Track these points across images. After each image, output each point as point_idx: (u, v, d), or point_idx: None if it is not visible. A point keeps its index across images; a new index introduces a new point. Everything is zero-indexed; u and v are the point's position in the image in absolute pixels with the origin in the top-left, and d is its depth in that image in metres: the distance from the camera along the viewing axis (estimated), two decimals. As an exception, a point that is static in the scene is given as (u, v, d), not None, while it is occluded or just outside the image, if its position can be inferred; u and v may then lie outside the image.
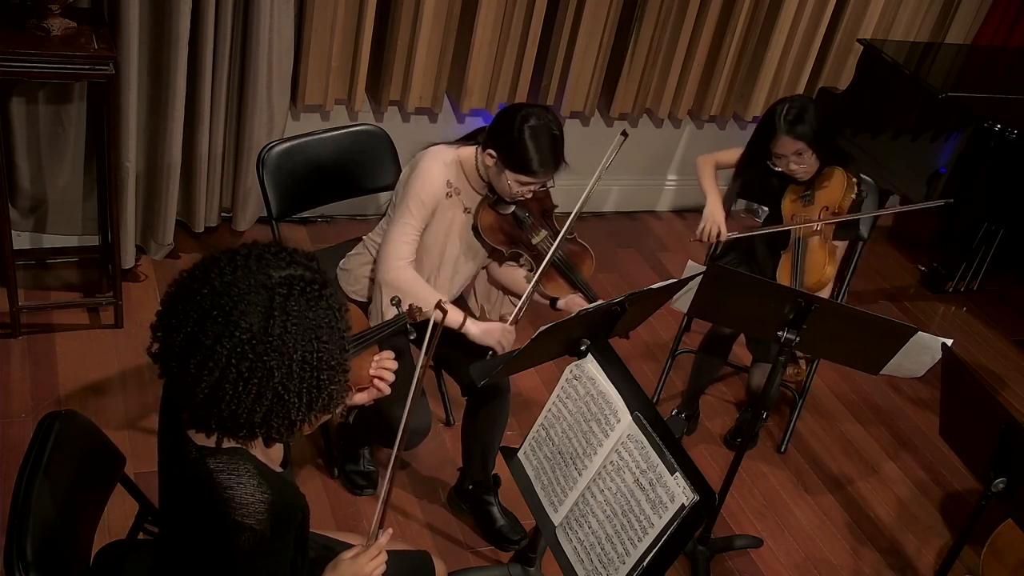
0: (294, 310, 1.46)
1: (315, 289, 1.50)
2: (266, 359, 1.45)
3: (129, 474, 2.03)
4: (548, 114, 2.52)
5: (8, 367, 3.13)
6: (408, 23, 3.70)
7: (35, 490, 1.71)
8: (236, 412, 1.47)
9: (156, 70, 3.29)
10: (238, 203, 3.71)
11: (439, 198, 2.58)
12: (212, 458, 1.55)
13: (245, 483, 1.53)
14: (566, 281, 2.74)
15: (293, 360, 1.46)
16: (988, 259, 4.62)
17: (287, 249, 1.54)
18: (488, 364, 2.65)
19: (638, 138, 4.58)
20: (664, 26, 4.13)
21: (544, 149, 2.47)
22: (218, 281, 1.46)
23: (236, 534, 1.52)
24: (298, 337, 1.46)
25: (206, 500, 1.54)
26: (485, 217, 2.63)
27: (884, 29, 4.54)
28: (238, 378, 1.44)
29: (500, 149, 2.51)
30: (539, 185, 2.56)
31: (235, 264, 1.48)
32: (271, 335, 1.44)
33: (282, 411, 1.50)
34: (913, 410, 3.88)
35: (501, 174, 2.52)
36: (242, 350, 1.43)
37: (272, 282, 1.46)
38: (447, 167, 2.59)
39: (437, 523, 2.95)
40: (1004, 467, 2.25)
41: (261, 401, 1.47)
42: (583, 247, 2.79)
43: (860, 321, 2.55)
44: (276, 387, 1.46)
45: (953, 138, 3.94)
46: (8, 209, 3.12)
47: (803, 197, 3.11)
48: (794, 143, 2.97)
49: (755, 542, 3.11)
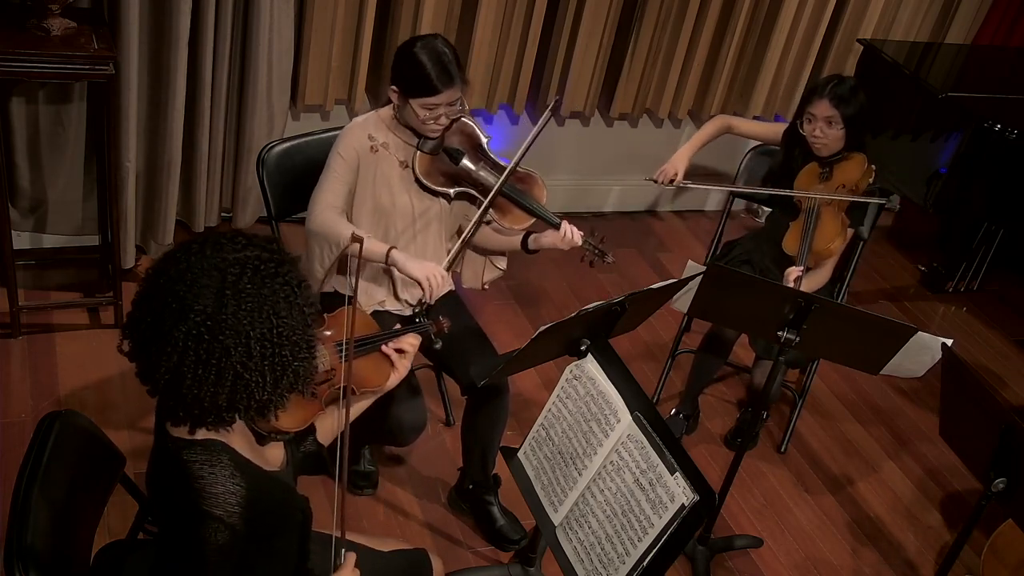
0: (247, 288, 1.47)
1: (270, 267, 1.51)
2: (222, 338, 1.45)
3: (129, 474, 2.03)
4: (436, 38, 2.57)
5: (8, 367, 3.13)
6: (408, 23, 3.70)
7: (35, 490, 1.71)
8: (199, 396, 1.48)
9: (156, 70, 3.29)
10: (238, 203, 3.71)
11: (361, 151, 2.61)
12: (187, 450, 1.55)
13: (217, 474, 1.53)
14: (520, 209, 2.70)
15: (251, 338, 1.47)
16: (988, 259, 4.62)
17: (245, 235, 1.55)
18: (488, 364, 2.65)
19: (638, 138, 4.58)
20: (664, 26, 4.13)
21: (435, 64, 2.50)
22: (173, 270, 1.49)
23: (202, 524, 1.51)
24: (253, 315, 1.47)
25: (178, 490, 1.54)
26: (420, 164, 2.65)
27: (884, 29, 4.54)
28: (196, 361, 1.45)
29: (399, 80, 2.56)
30: (446, 106, 2.55)
31: (190, 251, 1.50)
32: (224, 314, 1.45)
33: (246, 391, 1.50)
34: (913, 410, 3.88)
35: (406, 105, 2.56)
36: (198, 332, 1.45)
37: (224, 264, 1.48)
38: (365, 123, 2.64)
39: (437, 523, 2.95)
40: (1004, 467, 2.25)
41: (222, 383, 1.47)
42: (528, 172, 2.75)
43: (860, 321, 2.55)
44: (235, 366, 1.47)
45: (953, 138, 3.94)
46: (8, 209, 3.12)
47: (822, 174, 3.15)
48: (831, 108, 3.04)
49: (755, 542, 3.11)
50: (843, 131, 3.07)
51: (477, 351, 2.75)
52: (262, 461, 1.69)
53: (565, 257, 4.17)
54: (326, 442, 1.97)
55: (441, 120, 2.58)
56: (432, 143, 2.65)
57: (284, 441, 1.81)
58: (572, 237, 2.65)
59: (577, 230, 2.66)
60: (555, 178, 2.77)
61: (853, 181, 3.10)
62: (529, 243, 2.73)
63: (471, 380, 2.68)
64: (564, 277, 4.13)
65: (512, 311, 3.88)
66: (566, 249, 2.68)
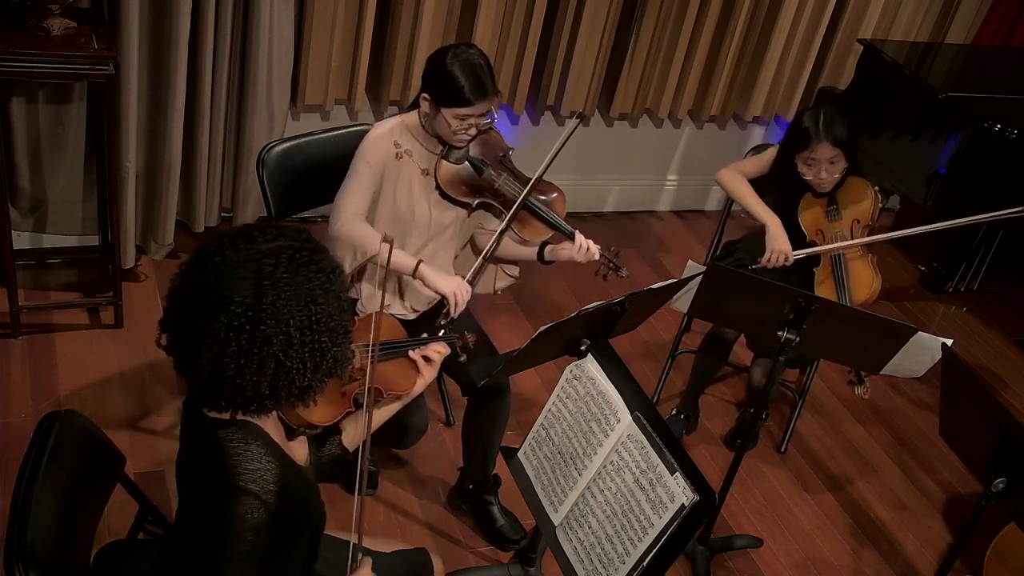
0: (284, 276, 1.49)
1: (304, 255, 1.53)
2: (263, 328, 1.47)
3: (129, 474, 2.03)
4: (471, 48, 2.56)
5: (8, 367, 3.13)
6: (408, 23, 3.70)
7: (35, 490, 1.71)
8: (241, 385, 1.50)
9: (156, 70, 3.29)
10: (238, 203, 3.71)
11: (387, 159, 2.61)
12: (222, 428, 1.57)
13: (253, 451, 1.55)
14: (540, 222, 2.70)
15: (290, 326, 1.49)
16: (988, 259, 4.62)
17: (275, 225, 1.58)
18: (488, 364, 2.64)
19: (638, 138, 4.58)
20: (664, 26, 4.13)
21: (470, 76, 2.49)
22: (209, 263, 1.50)
23: (237, 501, 1.52)
24: (292, 303, 1.49)
25: (212, 468, 1.55)
26: (442, 172, 2.64)
27: (884, 29, 4.54)
28: (239, 351, 1.47)
29: (431, 89, 2.55)
30: (476, 117, 2.55)
31: (223, 245, 1.52)
32: (264, 304, 1.47)
33: (287, 378, 1.52)
34: (913, 410, 3.88)
35: (438, 114, 2.55)
36: (239, 323, 1.46)
37: (259, 254, 1.50)
38: (392, 130, 2.63)
39: (437, 523, 2.95)
40: (1004, 467, 2.25)
41: (264, 371, 1.50)
42: (551, 185, 2.76)
43: (860, 321, 2.55)
44: (277, 354, 1.49)
45: (953, 138, 3.94)
46: (8, 209, 3.12)
47: (829, 212, 3.09)
48: (832, 149, 2.96)
49: (755, 542, 3.11)
50: (845, 165, 3.02)
51: (478, 351, 2.75)
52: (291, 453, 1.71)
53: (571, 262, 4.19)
54: (351, 447, 2.00)
55: (471, 131, 2.58)
56: (457, 153, 2.64)
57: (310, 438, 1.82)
58: (590, 250, 2.65)
59: (594, 244, 2.66)
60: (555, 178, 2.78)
61: (867, 215, 3.05)
62: (546, 254, 2.74)
63: (472, 380, 2.68)
64: (565, 277, 4.13)
65: (513, 311, 3.88)
66: (583, 262, 2.68)
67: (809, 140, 2.98)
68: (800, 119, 3.04)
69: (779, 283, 2.67)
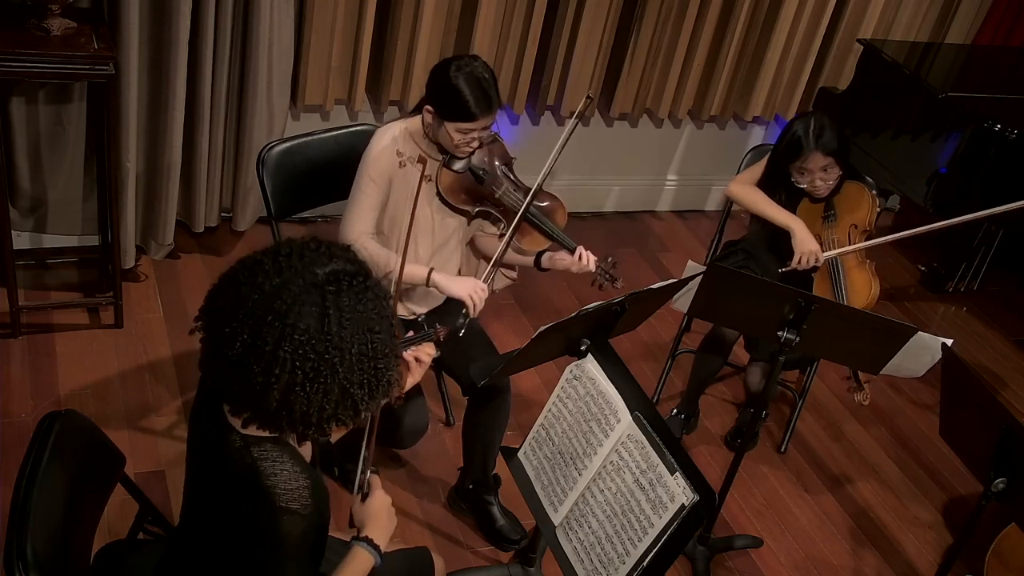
0: (346, 305, 1.49)
1: (360, 281, 1.52)
2: (327, 356, 1.47)
3: (129, 474, 2.03)
4: (476, 60, 2.56)
5: (8, 367, 3.13)
6: (408, 23, 3.70)
7: (35, 490, 1.71)
8: (307, 412, 1.50)
9: (156, 70, 3.29)
10: (238, 203, 3.71)
11: (391, 170, 2.61)
12: (256, 447, 1.57)
13: (289, 470, 1.56)
14: (540, 233, 2.71)
15: (352, 354, 1.49)
16: (988, 259, 4.62)
17: (324, 243, 1.57)
18: (488, 364, 2.64)
19: (638, 138, 4.58)
20: (664, 26, 4.13)
21: (475, 91, 2.49)
22: (267, 285, 1.48)
23: (281, 520, 1.54)
24: (353, 331, 1.49)
25: (249, 489, 1.55)
26: (444, 179, 2.64)
27: (884, 29, 4.54)
28: (305, 379, 1.47)
29: (435, 101, 2.55)
30: (480, 131, 2.56)
31: (279, 265, 1.50)
32: (329, 333, 1.47)
33: (348, 403, 1.53)
34: (913, 410, 3.87)
35: (441, 127, 2.55)
36: (304, 351, 1.46)
37: (320, 280, 1.49)
38: (395, 139, 2.63)
39: (437, 523, 2.95)
40: (1004, 467, 2.25)
41: (329, 397, 1.50)
42: (552, 196, 2.76)
43: (860, 321, 2.55)
44: (342, 382, 1.50)
45: (953, 138, 3.94)
46: (8, 209, 3.12)
47: (825, 217, 3.09)
48: (824, 158, 2.97)
49: (755, 542, 3.11)
50: (839, 171, 3.02)
51: (478, 351, 2.75)
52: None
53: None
54: (334, 439, 2.00)
55: (473, 144, 2.59)
56: (459, 161, 2.64)
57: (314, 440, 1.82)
58: (587, 263, 2.65)
59: (592, 256, 2.66)
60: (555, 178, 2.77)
61: (864, 220, 3.06)
62: (543, 262, 2.74)
63: (471, 380, 2.68)
64: (565, 277, 4.13)
65: (513, 311, 3.88)
66: (577, 273, 2.68)
67: (801, 150, 2.98)
68: (790, 128, 3.03)
69: (779, 283, 2.68)
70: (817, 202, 3.12)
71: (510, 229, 2.62)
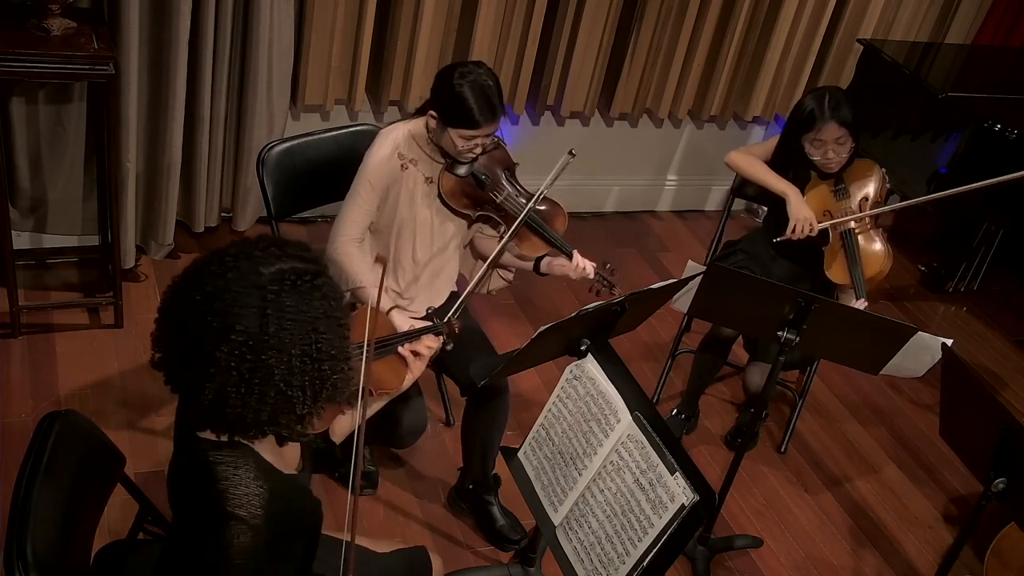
0: (288, 306, 1.46)
1: (307, 281, 1.49)
2: (264, 358, 1.45)
3: (129, 474, 2.03)
4: (480, 68, 2.56)
5: (8, 367, 3.13)
6: (408, 23, 3.70)
7: (35, 490, 1.71)
8: (242, 414, 1.48)
9: (156, 70, 3.29)
10: (238, 203, 3.71)
11: (391, 174, 2.62)
12: (215, 451, 1.55)
13: (241, 475, 1.53)
14: (539, 238, 2.71)
15: (292, 355, 1.47)
16: (988, 259, 4.62)
17: (277, 242, 1.54)
18: (488, 364, 2.64)
19: (638, 138, 4.58)
20: (664, 26, 4.13)
21: (479, 99, 2.49)
22: (211, 286, 1.46)
23: (226, 526, 1.51)
24: (295, 332, 1.47)
25: (201, 491, 1.54)
26: (446, 182, 2.65)
27: (884, 29, 4.54)
28: (240, 380, 1.45)
29: (439, 108, 2.55)
30: (483, 138, 2.56)
31: (225, 266, 1.48)
32: (267, 334, 1.45)
33: (287, 407, 1.50)
34: (913, 410, 3.87)
35: (444, 133, 2.56)
36: (240, 353, 1.44)
37: (263, 280, 1.46)
38: (396, 142, 2.63)
39: (437, 523, 2.95)
40: (1004, 467, 2.25)
41: (265, 400, 1.48)
42: (553, 203, 2.76)
43: (860, 321, 2.55)
44: (278, 384, 1.47)
45: (953, 138, 3.94)
46: (8, 209, 3.12)
47: (836, 191, 3.11)
48: (839, 129, 2.99)
49: (755, 542, 3.11)
50: (852, 145, 3.04)
51: (477, 351, 2.75)
52: (282, 463, 1.69)
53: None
54: (337, 440, 1.98)
55: (476, 150, 2.60)
56: (462, 166, 2.65)
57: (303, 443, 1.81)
58: (585, 269, 2.65)
59: (590, 263, 2.66)
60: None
61: (876, 192, 3.08)
62: (541, 267, 2.75)
63: (471, 380, 2.67)
64: (564, 278, 4.13)
65: (513, 311, 3.88)
66: (576, 279, 2.67)
67: (815, 121, 2.99)
68: (803, 102, 3.06)
69: (779, 283, 2.68)
70: (827, 179, 3.13)
71: (508, 233, 2.62)
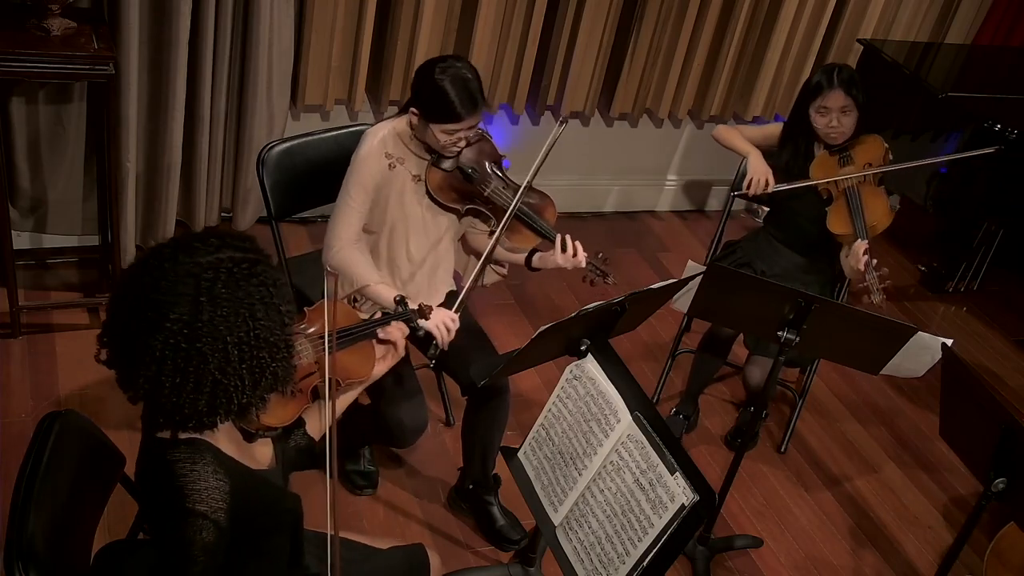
0: (222, 292, 1.45)
1: (244, 269, 1.48)
2: (199, 346, 1.44)
3: (129, 474, 2.03)
4: (459, 61, 2.55)
5: (8, 367, 3.13)
6: (408, 23, 3.70)
7: (35, 490, 1.71)
8: (178, 403, 1.47)
9: (156, 70, 3.29)
10: (238, 203, 3.71)
11: (380, 174, 2.61)
12: (171, 450, 1.55)
13: (200, 470, 1.53)
14: (530, 230, 2.70)
15: (228, 343, 1.46)
16: (988, 259, 4.62)
17: (218, 234, 1.53)
18: (489, 364, 2.64)
19: (638, 138, 4.58)
20: (664, 26, 4.13)
21: (460, 92, 2.49)
22: (147, 277, 1.46)
23: (187, 522, 1.50)
24: (230, 319, 1.46)
25: (163, 490, 1.53)
26: (432, 177, 2.64)
27: (884, 29, 4.54)
28: (174, 369, 1.45)
29: (420, 104, 2.55)
30: (466, 131, 2.56)
31: (162, 257, 1.48)
32: (200, 321, 1.44)
33: (225, 396, 1.49)
34: (913, 410, 3.87)
35: (427, 129, 2.55)
36: (175, 341, 1.43)
37: (198, 269, 1.46)
38: (383, 141, 2.62)
39: (437, 523, 2.95)
40: (1004, 467, 2.25)
41: (201, 389, 1.47)
42: (542, 194, 2.76)
43: (860, 321, 2.55)
44: (213, 373, 1.46)
45: (953, 138, 3.94)
46: (8, 209, 3.12)
47: (841, 159, 3.17)
48: (845, 98, 3.06)
49: (755, 542, 3.11)
50: (856, 116, 3.10)
51: (477, 351, 2.75)
52: (250, 459, 1.68)
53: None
54: (317, 436, 1.96)
55: (460, 144, 2.59)
56: (448, 160, 2.65)
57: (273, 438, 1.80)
58: (578, 257, 2.63)
59: (581, 249, 2.63)
60: (555, 178, 2.77)
61: (878, 158, 3.14)
62: (534, 261, 2.74)
63: (471, 380, 2.68)
64: (564, 277, 4.13)
65: (512, 311, 3.88)
66: (570, 269, 2.67)
67: (822, 88, 3.08)
68: (812, 75, 3.16)
69: (779, 284, 2.68)
70: (833, 153, 3.18)
71: (500, 226, 2.63)
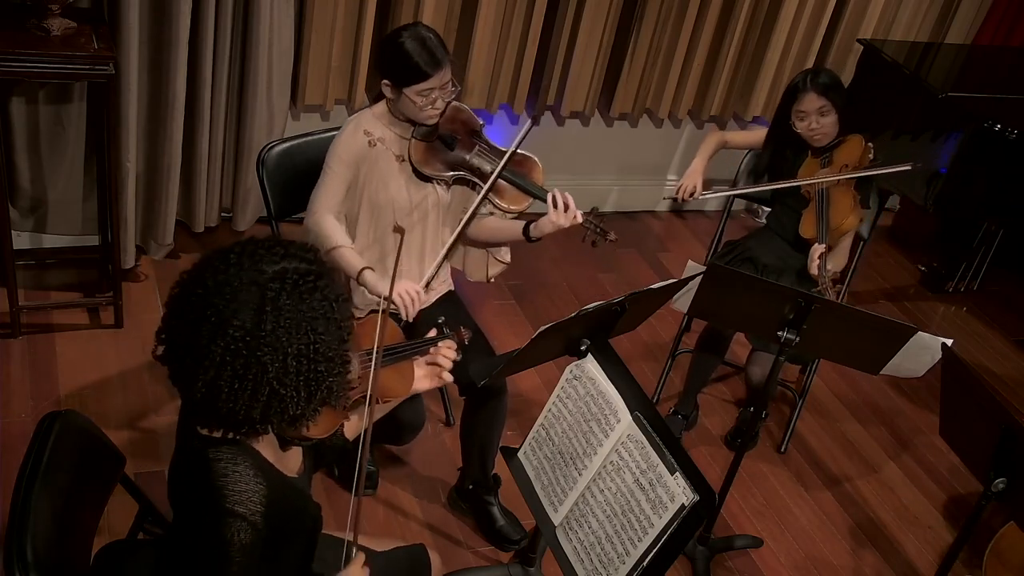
0: (286, 304, 1.46)
1: (309, 281, 1.49)
2: (259, 355, 1.45)
3: (129, 474, 2.03)
4: (417, 24, 2.61)
5: (8, 367, 3.13)
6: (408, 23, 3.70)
7: (35, 490, 1.71)
8: (234, 409, 1.48)
9: (156, 70, 3.29)
10: (238, 203, 3.71)
11: (360, 150, 2.64)
12: (212, 448, 1.56)
13: (241, 472, 1.54)
14: (518, 190, 2.72)
15: (288, 354, 1.47)
16: (988, 259, 4.62)
17: (283, 243, 1.54)
18: (488, 364, 2.64)
19: (638, 138, 4.58)
20: (664, 26, 4.13)
21: (422, 50, 2.53)
22: (211, 281, 1.47)
23: (224, 523, 1.51)
24: (292, 331, 1.47)
25: (200, 487, 1.54)
26: (415, 151, 2.66)
27: (884, 29, 4.54)
28: (233, 376, 1.46)
29: (388, 73, 2.58)
30: (439, 90, 2.57)
31: (227, 262, 1.49)
32: (263, 331, 1.45)
33: (280, 406, 1.50)
34: (913, 410, 3.87)
35: (401, 97, 2.57)
36: (235, 348, 1.44)
37: (264, 278, 1.47)
38: (363, 122, 2.66)
39: (437, 523, 2.95)
40: (1004, 467, 2.25)
41: (257, 397, 1.48)
42: (527, 156, 2.78)
43: (860, 321, 2.55)
44: (271, 382, 1.47)
45: (953, 138, 3.94)
46: (8, 209, 3.12)
47: (822, 160, 3.22)
48: (819, 99, 3.11)
49: (755, 542, 3.11)
50: (836, 116, 3.14)
51: (476, 351, 2.75)
52: (283, 466, 1.69)
53: (565, 255, 4.19)
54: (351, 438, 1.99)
55: (437, 104, 2.60)
56: (426, 129, 2.66)
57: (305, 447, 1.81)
58: (570, 210, 2.62)
59: (573, 203, 2.63)
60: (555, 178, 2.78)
61: (855, 159, 3.17)
62: (531, 231, 2.73)
63: (470, 380, 2.67)
64: (564, 277, 4.13)
65: (512, 310, 3.88)
66: (567, 226, 2.65)
67: (797, 92, 3.14)
68: (793, 80, 3.20)
69: (779, 284, 2.68)
70: (819, 155, 3.23)
71: (487, 184, 2.66)
